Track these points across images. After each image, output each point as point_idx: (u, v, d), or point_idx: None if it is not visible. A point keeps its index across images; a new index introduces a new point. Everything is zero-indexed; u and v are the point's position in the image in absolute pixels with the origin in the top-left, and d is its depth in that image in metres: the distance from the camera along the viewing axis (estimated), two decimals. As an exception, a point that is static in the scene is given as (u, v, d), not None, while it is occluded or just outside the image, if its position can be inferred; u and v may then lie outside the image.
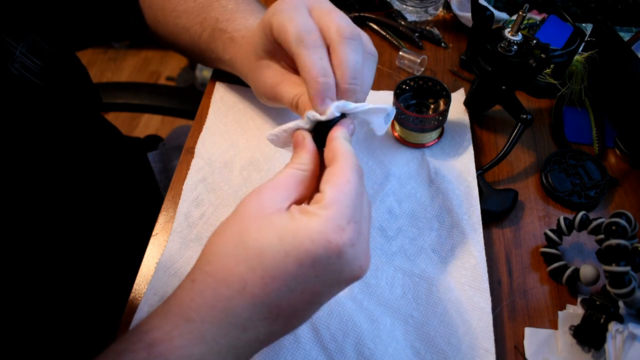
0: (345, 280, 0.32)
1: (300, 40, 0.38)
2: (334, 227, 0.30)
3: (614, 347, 0.40)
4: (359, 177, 0.34)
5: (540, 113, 0.63)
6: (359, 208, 0.33)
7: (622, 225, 0.43)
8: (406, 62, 0.67)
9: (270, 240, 0.31)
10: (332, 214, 0.31)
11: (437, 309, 0.45)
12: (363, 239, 0.32)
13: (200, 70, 1.90)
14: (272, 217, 0.31)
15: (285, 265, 0.30)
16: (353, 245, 0.31)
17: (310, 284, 0.31)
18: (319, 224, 0.30)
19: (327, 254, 0.30)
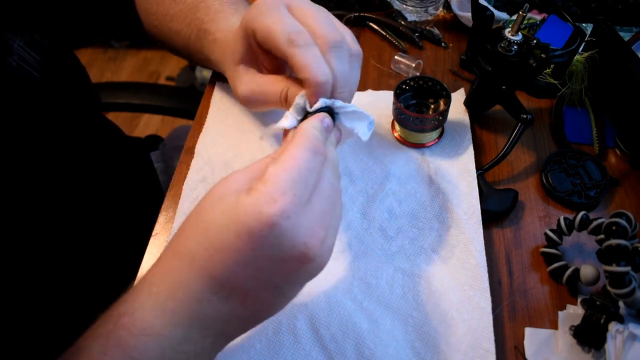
0: (291, 259, 0.32)
1: (291, 41, 0.38)
2: (266, 199, 0.30)
3: (614, 347, 0.40)
4: (310, 155, 0.33)
5: (540, 113, 0.63)
6: (303, 183, 0.32)
7: (623, 225, 0.43)
8: (401, 67, 0.67)
9: (215, 215, 0.32)
10: (266, 188, 0.31)
11: (437, 309, 0.45)
12: (308, 215, 0.32)
13: (200, 70, 1.90)
14: (226, 196, 0.32)
15: (226, 237, 0.31)
16: (288, 217, 0.30)
17: (251, 257, 0.31)
18: (253, 197, 0.31)
19: (259, 226, 0.30)
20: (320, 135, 0.35)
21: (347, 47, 0.41)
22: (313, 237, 0.32)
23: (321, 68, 0.38)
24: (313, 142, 0.34)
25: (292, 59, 0.38)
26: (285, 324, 0.45)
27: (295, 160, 0.32)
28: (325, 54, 0.39)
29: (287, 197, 0.31)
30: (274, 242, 0.31)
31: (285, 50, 0.39)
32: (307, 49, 0.38)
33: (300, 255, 0.31)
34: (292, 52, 0.38)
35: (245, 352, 0.43)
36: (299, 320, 0.45)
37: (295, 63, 0.38)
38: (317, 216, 0.32)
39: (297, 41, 0.38)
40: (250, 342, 0.44)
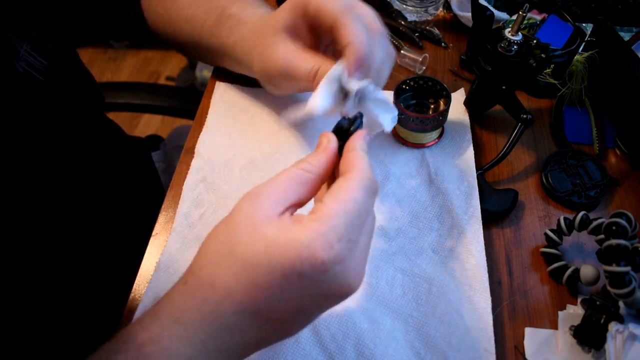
0: (333, 296, 0.32)
1: (347, 10, 0.41)
2: (323, 244, 0.29)
3: (614, 347, 0.40)
4: (367, 196, 0.32)
5: (540, 113, 0.63)
6: (358, 227, 0.31)
7: (623, 225, 0.43)
8: (407, 61, 0.67)
9: (256, 252, 0.30)
10: (324, 229, 0.30)
11: (437, 309, 0.45)
12: (356, 257, 0.31)
13: (200, 70, 1.90)
14: (262, 226, 0.31)
15: (271, 277, 0.30)
16: (341, 262, 0.30)
17: (296, 296, 0.30)
18: (307, 237, 0.29)
19: (312, 270, 0.29)
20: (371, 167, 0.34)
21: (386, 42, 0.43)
22: (358, 278, 0.32)
23: (367, 41, 0.40)
24: (371, 180, 0.33)
25: (342, 26, 0.40)
26: (285, 324, 0.44)
27: (355, 203, 0.31)
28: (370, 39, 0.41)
29: (344, 243, 0.30)
30: (323, 284, 0.30)
31: (338, 17, 0.41)
32: (357, 21, 0.40)
33: (343, 294, 0.32)
34: (345, 20, 0.40)
35: (245, 352, 0.43)
36: (299, 320, 0.45)
37: (344, 30, 0.40)
38: (363, 256, 0.33)
39: (351, 12, 0.41)
40: (250, 342, 0.44)
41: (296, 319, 0.33)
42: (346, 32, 0.40)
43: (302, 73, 0.44)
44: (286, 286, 0.30)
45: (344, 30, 0.40)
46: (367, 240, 0.33)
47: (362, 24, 0.41)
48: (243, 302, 0.31)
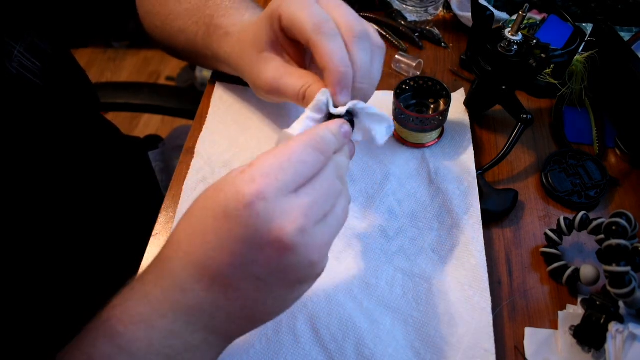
0: (265, 242, 0.30)
1: (318, 28, 0.38)
2: (245, 179, 0.30)
3: (614, 347, 0.40)
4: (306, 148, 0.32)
5: (540, 113, 0.63)
6: (290, 170, 0.31)
7: (622, 225, 0.43)
8: (402, 66, 0.67)
9: (199, 200, 0.32)
10: (249, 169, 0.31)
11: (437, 309, 0.45)
12: (290, 201, 0.30)
13: (200, 70, 1.90)
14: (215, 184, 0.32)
15: (204, 219, 0.31)
16: (264, 199, 0.29)
17: (228, 240, 0.30)
18: (232, 176, 0.31)
19: (234, 204, 0.29)
20: (332, 137, 0.34)
21: (370, 39, 0.41)
22: (291, 223, 0.30)
23: (343, 58, 0.38)
24: (316, 140, 0.33)
25: (315, 47, 0.38)
26: (285, 323, 0.44)
27: (288, 149, 0.32)
28: (349, 44, 0.39)
29: (267, 179, 0.30)
30: (249, 222, 0.29)
31: (310, 37, 0.38)
32: (332, 38, 0.38)
33: (275, 241, 0.30)
34: (317, 40, 0.38)
35: (245, 352, 0.43)
36: (299, 320, 0.45)
37: (318, 51, 0.38)
38: (302, 206, 0.31)
39: (323, 29, 0.38)
40: (250, 342, 0.44)
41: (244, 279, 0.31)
42: (321, 55, 0.38)
43: (290, 93, 0.43)
44: (217, 229, 0.30)
45: (318, 53, 0.38)
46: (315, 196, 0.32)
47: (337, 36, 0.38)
48: (186, 253, 0.32)
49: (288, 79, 0.43)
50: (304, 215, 0.31)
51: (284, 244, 0.30)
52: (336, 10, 0.40)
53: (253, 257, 0.31)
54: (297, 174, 0.31)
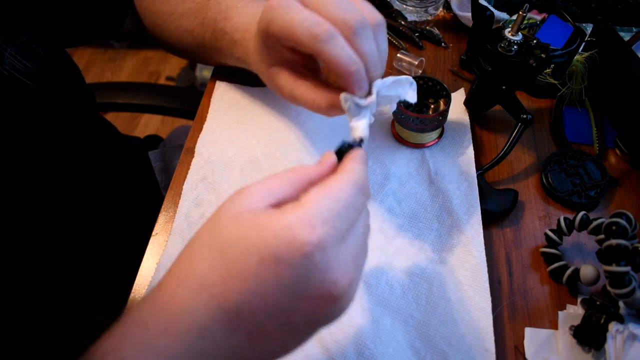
0: (316, 296, 0.28)
1: (314, 37, 0.36)
2: (304, 224, 0.27)
3: (614, 347, 0.40)
4: (356, 191, 0.30)
5: (540, 113, 0.63)
6: (345, 218, 0.29)
7: (622, 225, 0.43)
8: (404, 65, 0.67)
9: (234, 237, 0.28)
10: (305, 211, 0.28)
11: (437, 309, 0.45)
12: (343, 252, 0.29)
13: (200, 70, 1.90)
14: (243, 214, 0.29)
15: (247, 262, 0.27)
16: (323, 249, 0.27)
17: (273, 289, 0.27)
18: (287, 219, 0.27)
19: (290, 252, 0.27)
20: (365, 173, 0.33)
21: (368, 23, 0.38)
22: (344, 277, 0.28)
23: (350, 58, 0.36)
24: (362, 180, 0.31)
25: (319, 56, 0.37)
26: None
27: (343, 193, 0.29)
28: (350, 40, 0.37)
29: (327, 227, 0.27)
30: (303, 274, 0.27)
31: (311, 47, 0.37)
32: (332, 42, 0.36)
33: (327, 294, 0.28)
34: (318, 49, 0.36)
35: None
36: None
37: (324, 59, 0.37)
38: (352, 255, 0.30)
39: (320, 36, 0.36)
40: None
41: (277, 326, 0.29)
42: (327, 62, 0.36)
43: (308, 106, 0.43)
44: (262, 275, 0.27)
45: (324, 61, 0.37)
46: (357, 243, 0.31)
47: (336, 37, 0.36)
48: (214, 295, 0.28)
49: (301, 93, 0.43)
50: (355, 267, 0.30)
51: (333, 296, 0.28)
52: (325, 7, 0.37)
53: (295, 306, 0.28)
54: (350, 220, 0.30)
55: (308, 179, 0.32)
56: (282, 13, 0.38)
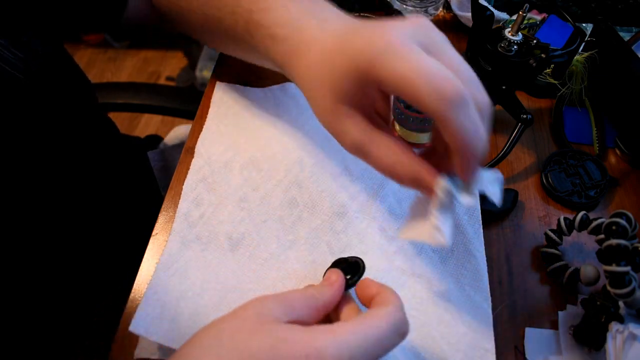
0: None
1: (442, 98, 0.28)
2: (334, 353, 0.28)
3: (615, 348, 0.40)
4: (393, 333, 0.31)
5: (540, 113, 0.63)
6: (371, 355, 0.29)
7: (622, 225, 0.43)
8: None
9: (262, 344, 0.28)
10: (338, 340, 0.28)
11: (437, 309, 0.45)
12: None
13: (200, 70, 1.90)
14: (271, 323, 0.29)
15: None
16: None
17: None
18: (320, 341, 0.28)
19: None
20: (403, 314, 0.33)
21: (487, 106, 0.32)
22: None
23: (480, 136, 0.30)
24: (402, 321, 0.32)
25: (442, 121, 0.30)
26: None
27: (378, 332, 0.30)
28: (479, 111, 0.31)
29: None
30: None
31: (433, 110, 0.29)
32: (463, 110, 0.29)
33: None
34: (443, 114, 0.29)
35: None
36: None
37: (445, 127, 0.30)
38: None
39: (450, 99, 0.29)
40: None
41: None
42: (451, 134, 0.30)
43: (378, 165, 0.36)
44: None
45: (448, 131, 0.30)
46: None
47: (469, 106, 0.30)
48: None
49: (376, 152, 0.35)
50: None
51: None
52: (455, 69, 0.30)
53: None
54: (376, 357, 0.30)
55: (323, 302, 0.33)
56: (401, 58, 0.30)
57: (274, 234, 0.49)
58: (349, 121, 0.35)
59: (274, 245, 0.48)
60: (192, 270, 0.46)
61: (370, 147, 0.34)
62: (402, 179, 0.34)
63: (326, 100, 0.35)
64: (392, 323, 0.31)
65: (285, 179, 0.53)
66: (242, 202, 0.51)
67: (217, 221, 0.50)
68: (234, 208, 0.51)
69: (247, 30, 0.44)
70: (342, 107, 0.35)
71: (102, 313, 0.58)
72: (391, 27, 0.31)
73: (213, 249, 0.48)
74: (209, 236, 0.49)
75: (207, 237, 0.49)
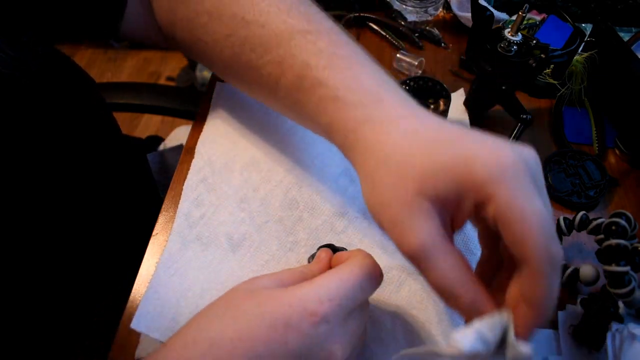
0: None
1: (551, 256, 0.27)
2: (314, 297, 0.31)
3: (614, 347, 0.40)
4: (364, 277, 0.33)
5: (540, 113, 0.63)
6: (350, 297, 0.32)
7: (622, 225, 0.43)
8: (404, 65, 0.67)
9: (248, 305, 0.31)
10: (316, 287, 0.31)
11: (437, 308, 0.45)
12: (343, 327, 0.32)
13: (200, 70, 1.90)
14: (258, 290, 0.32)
15: (257, 327, 0.30)
16: (328, 322, 0.30)
17: (280, 353, 0.29)
18: (301, 292, 0.31)
19: (299, 320, 0.30)
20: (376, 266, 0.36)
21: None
22: (341, 349, 0.31)
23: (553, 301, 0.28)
24: (375, 269, 0.35)
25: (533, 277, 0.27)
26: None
27: (353, 275, 0.33)
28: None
29: (333, 304, 0.31)
30: (307, 341, 0.30)
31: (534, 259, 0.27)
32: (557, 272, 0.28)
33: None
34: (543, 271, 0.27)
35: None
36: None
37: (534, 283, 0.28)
38: (351, 333, 0.33)
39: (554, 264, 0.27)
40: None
41: None
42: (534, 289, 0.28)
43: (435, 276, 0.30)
44: (271, 340, 0.29)
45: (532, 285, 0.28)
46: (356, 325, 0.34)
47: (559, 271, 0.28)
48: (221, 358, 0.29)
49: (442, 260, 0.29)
50: (350, 343, 0.32)
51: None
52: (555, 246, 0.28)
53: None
54: (355, 300, 0.33)
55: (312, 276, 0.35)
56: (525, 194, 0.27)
57: (275, 235, 0.49)
58: (423, 219, 0.30)
59: (274, 246, 0.49)
60: (193, 271, 0.46)
61: (437, 256, 0.29)
62: (458, 302, 0.30)
63: (402, 189, 0.30)
64: (363, 266, 0.34)
65: (286, 179, 0.53)
66: (242, 202, 0.51)
67: (217, 222, 0.50)
68: (235, 209, 0.51)
69: (297, 86, 0.38)
70: (423, 202, 0.30)
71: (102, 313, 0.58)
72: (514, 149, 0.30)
73: (214, 249, 0.48)
74: (210, 237, 0.49)
75: (208, 237, 0.49)
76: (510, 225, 0.27)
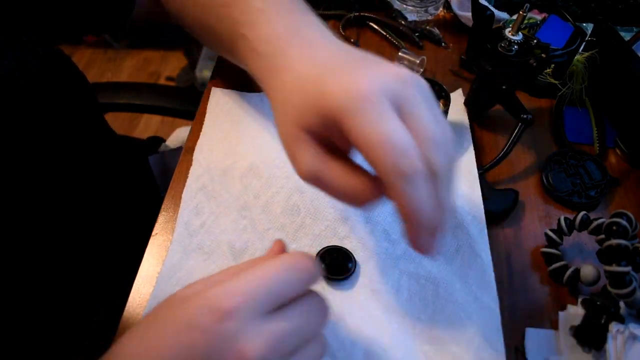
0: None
1: (399, 172, 0.29)
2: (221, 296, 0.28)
3: (615, 348, 0.40)
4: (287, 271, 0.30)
5: (540, 113, 0.63)
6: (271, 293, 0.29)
7: (623, 225, 0.43)
8: (405, 63, 0.67)
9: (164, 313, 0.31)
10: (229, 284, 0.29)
11: (444, 311, 0.45)
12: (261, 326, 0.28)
13: (200, 70, 1.90)
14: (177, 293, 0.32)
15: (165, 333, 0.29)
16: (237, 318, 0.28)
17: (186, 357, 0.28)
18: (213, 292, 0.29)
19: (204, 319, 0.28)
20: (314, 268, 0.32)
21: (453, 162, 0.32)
22: (255, 349, 0.27)
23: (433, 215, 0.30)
24: (302, 262, 0.31)
25: (395, 194, 0.30)
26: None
27: (272, 268, 0.30)
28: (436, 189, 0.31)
29: (244, 297, 0.28)
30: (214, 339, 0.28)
31: (390, 181, 0.29)
32: (418, 186, 0.29)
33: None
34: (399, 188, 0.29)
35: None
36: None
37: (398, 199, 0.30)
38: (271, 334, 0.28)
39: (408, 175, 0.29)
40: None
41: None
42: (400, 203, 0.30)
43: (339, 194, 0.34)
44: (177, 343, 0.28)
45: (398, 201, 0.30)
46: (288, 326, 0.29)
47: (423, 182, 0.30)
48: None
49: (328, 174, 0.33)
50: (269, 346, 0.28)
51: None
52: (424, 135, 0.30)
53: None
54: (275, 294, 0.30)
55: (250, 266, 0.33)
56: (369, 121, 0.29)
57: None
58: (305, 147, 0.34)
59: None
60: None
61: (323, 173, 0.33)
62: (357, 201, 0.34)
63: (288, 124, 0.35)
64: (288, 259, 0.31)
65: (287, 185, 0.52)
66: (243, 210, 0.51)
67: (219, 230, 0.49)
68: (236, 216, 0.50)
69: (233, 41, 0.44)
70: (301, 134, 0.34)
71: (102, 313, 0.58)
72: (369, 77, 0.31)
73: (216, 258, 0.48)
74: (211, 245, 0.48)
75: (209, 246, 0.48)
76: (362, 152, 0.30)
